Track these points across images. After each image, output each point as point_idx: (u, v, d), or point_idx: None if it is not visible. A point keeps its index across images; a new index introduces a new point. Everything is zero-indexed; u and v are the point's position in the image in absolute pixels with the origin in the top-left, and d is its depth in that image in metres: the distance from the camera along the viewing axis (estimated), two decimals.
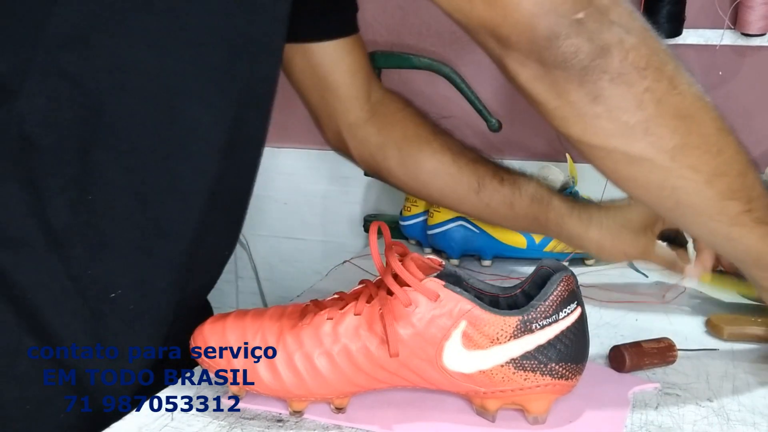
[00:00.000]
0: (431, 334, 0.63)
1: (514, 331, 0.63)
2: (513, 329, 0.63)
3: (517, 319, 0.63)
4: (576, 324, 0.65)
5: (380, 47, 1.40)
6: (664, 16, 1.20)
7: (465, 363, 0.64)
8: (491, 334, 0.63)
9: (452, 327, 0.63)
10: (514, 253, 1.13)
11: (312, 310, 0.69)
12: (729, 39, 1.22)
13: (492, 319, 0.63)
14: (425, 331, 0.63)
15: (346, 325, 0.66)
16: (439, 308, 0.63)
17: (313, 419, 0.67)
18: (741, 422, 0.69)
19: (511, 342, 0.63)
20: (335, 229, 1.53)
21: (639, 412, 0.70)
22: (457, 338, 0.63)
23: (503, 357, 0.64)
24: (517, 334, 0.63)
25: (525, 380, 0.64)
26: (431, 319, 0.63)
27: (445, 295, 0.63)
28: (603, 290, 1.02)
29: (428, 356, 0.64)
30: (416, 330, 0.64)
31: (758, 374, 0.79)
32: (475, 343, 0.63)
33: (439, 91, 1.38)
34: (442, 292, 0.64)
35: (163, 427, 0.67)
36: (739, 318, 0.89)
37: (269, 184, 1.54)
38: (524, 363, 0.64)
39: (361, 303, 0.67)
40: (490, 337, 0.63)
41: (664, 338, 0.80)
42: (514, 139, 1.37)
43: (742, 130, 1.27)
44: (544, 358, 0.64)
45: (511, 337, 0.63)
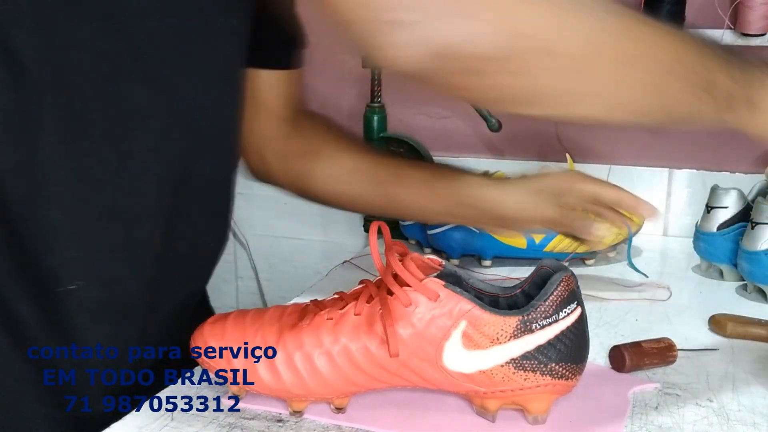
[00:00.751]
0: (431, 334, 0.63)
1: (514, 331, 0.63)
2: (513, 329, 0.63)
3: (517, 319, 0.63)
4: (576, 324, 0.65)
5: None
6: (664, 16, 1.20)
7: (465, 363, 0.64)
8: (491, 334, 0.63)
9: (452, 327, 0.63)
10: (514, 253, 1.13)
11: (312, 310, 0.69)
12: (729, 39, 1.21)
13: (492, 319, 0.63)
14: (425, 331, 0.63)
15: (346, 325, 0.66)
16: (439, 308, 0.63)
17: (313, 419, 0.67)
18: (741, 422, 0.69)
19: (511, 342, 0.63)
20: (335, 229, 1.53)
21: (639, 412, 0.70)
22: (457, 338, 0.63)
23: (503, 357, 0.64)
24: (517, 334, 0.63)
25: (525, 380, 0.64)
26: (431, 319, 0.63)
27: (445, 295, 0.63)
28: (603, 290, 1.02)
29: (428, 356, 0.64)
30: (416, 330, 0.64)
31: (758, 374, 0.79)
32: (475, 343, 0.63)
33: None
34: (442, 292, 0.64)
35: (163, 427, 0.67)
36: (743, 318, 0.89)
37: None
38: (524, 363, 0.64)
39: (361, 303, 0.67)
40: (490, 337, 0.63)
41: (664, 338, 0.80)
42: (514, 139, 1.37)
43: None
44: (544, 358, 0.64)
45: (511, 337, 0.63)
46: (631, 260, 1.13)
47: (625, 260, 1.14)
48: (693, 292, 1.03)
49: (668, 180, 1.31)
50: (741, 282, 1.06)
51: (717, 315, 0.90)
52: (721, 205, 1.07)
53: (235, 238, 1.59)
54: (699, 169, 1.29)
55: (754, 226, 1.00)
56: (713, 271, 1.11)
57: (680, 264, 1.16)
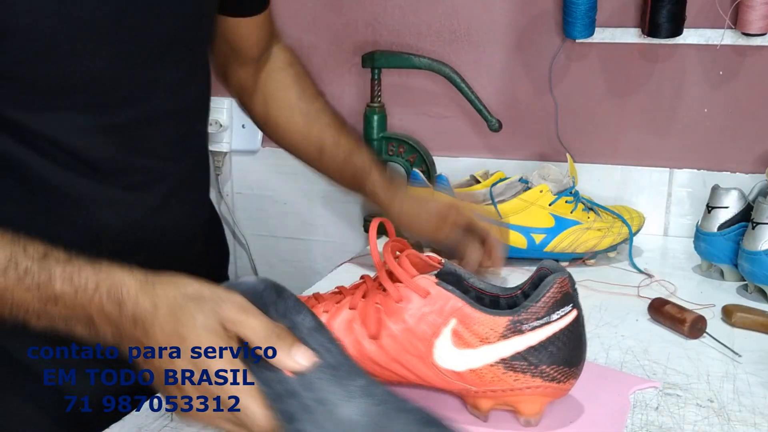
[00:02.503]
0: (422, 331, 0.63)
1: (504, 331, 0.62)
2: (503, 329, 0.62)
3: (507, 319, 0.63)
4: (570, 327, 0.64)
5: (380, 47, 1.40)
6: (665, 15, 1.20)
7: (455, 361, 0.63)
8: (481, 333, 0.63)
9: (442, 324, 0.63)
10: (514, 253, 1.13)
11: (311, 304, 0.69)
12: (729, 39, 1.21)
13: (482, 318, 0.63)
14: (416, 327, 0.63)
15: (340, 319, 0.66)
16: (430, 305, 0.63)
17: None
18: (741, 422, 0.69)
19: (501, 342, 0.63)
20: (335, 229, 1.53)
21: (639, 412, 0.70)
22: (447, 336, 0.63)
23: (493, 357, 0.63)
24: (507, 334, 0.63)
25: (515, 381, 0.63)
26: (422, 316, 0.63)
27: (436, 293, 0.63)
28: (604, 290, 1.02)
29: (419, 352, 0.64)
30: (407, 326, 0.63)
31: (759, 374, 0.78)
32: (465, 342, 0.63)
33: (439, 91, 1.38)
34: (433, 290, 0.63)
35: (163, 427, 0.67)
36: (751, 308, 0.92)
37: (269, 184, 1.54)
38: (514, 364, 0.63)
39: (357, 297, 0.67)
40: (479, 336, 0.63)
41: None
42: (514, 139, 1.37)
43: (742, 130, 1.28)
44: (535, 360, 0.63)
45: (501, 337, 0.63)
46: (632, 260, 1.13)
47: (626, 260, 1.14)
48: (694, 292, 1.03)
49: (668, 180, 1.31)
50: (742, 282, 1.06)
51: (728, 305, 0.93)
52: (721, 205, 1.07)
53: (234, 238, 1.59)
54: (699, 169, 1.29)
55: (755, 226, 1.00)
56: (714, 271, 1.11)
57: (681, 264, 1.16)
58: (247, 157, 1.54)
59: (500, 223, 1.05)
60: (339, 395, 0.55)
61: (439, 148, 1.39)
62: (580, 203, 1.15)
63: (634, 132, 1.32)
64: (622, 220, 1.15)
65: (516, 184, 1.17)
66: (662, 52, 1.27)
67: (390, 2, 1.39)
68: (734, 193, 1.07)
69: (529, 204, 1.13)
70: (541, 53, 1.33)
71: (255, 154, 1.54)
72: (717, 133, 1.28)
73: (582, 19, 1.23)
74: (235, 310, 0.58)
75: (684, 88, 1.28)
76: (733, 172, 1.28)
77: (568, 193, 1.14)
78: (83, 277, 0.59)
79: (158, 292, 0.58)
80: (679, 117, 1.29)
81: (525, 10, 1.32)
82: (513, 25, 1.33)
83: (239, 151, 1.54)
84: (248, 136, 1.52)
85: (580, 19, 1.23)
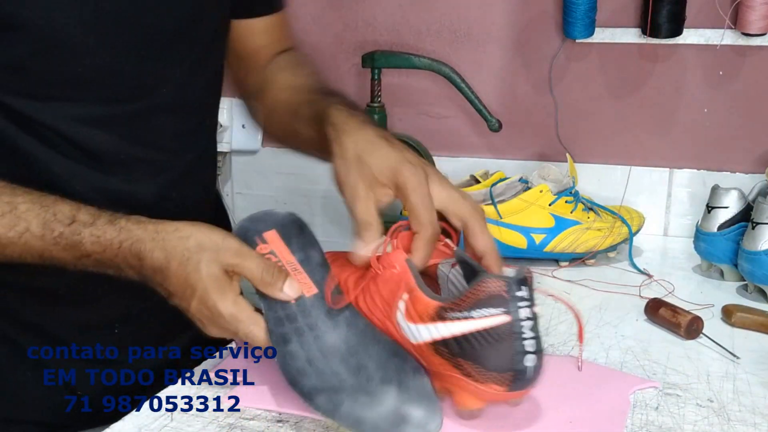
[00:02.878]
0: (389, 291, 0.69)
1: (432, 314, 0.65)
2: (433, 312, 0.65)
3: (437, 304, 0.65)
4: (495, 330, 0.63)
5: (380, 47, 1.40)
6: (665, 15, 1.20)
7: (408, 331, 0.67)
8: (420, 311, 0.66)
9: (399, 298, 0.68)
10: (514, 253, 1.13)
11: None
12: (729, 39, 1.21)
13: (421, 298, 0.66)
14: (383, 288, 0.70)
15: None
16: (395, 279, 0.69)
17: (313, 419, 0.67)
18: (741, 422, 0.69)
19: (430, 324, 0.65)
20: (335, 229, 1.53)
21: (639, 412, 0.70)
22: (402, 307, 0.68)
23: (426, 336, 0.66)
24: (435, 318, 0.65)
25: (441, 366, 0.66)
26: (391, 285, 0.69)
27: (401, 269, 0.69)
28: (604, 290, 1.02)
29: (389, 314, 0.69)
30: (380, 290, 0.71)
31: (758, 374, 0.78)
32: (410, 316, 0.67)
33: (439, 91, 1.38)
34: (399, 266, 0.69)
35: (163, 427, 0.67)
36: (751, 308, 0.92)
37: (269, 184, 1.53)
38: (441, 349, 0.65)
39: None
40: (419, 314, 0.66)
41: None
42: (514, 139, 1.37)
43: (742, 130, 1.28)
44: (456, 350, 0.64)
45: (431, 319, 0.65)
46: (632, 260, 1.13)
47: (626, 260, 1.14)
48: (694, 292, 1.03)
49: (668, 180, 1.31)
50: (741, 282, 1.06)
51: (729, 305, 0.93)
52: (721, 205, 1.07)
53: None
54: (699, 169, 1.29)
55: (755, 226, 1.00)
56: (714, 271, 1.11)
57: (681, 264, 1.16)
58: (247, 157, 1.54)
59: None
60: (327, 324, 0.68)
61: (439, 148, 1.39)
62: (580, 203, 1.15)
63: (634, 132, 1.32)
64: (622, 220, 1.15)
65: (516, 184, 1.17)
66: (662, 52, 1.27)
67: (390, 2, 1.39)
68: (734, 193, 1.07)
69: (529, 204, 1.13)
70: (541, 53, 1.33)
71: (255, 154, 1.54)
72: (717, 133, 1.28)
73: (582, 19, 1.23)
74: (232, 255, 0.68)
75: (684, 88, 1.28)
76: (733, 172, 1.28)
77: (568, 193, 1.14)
78: (108, 237, 0.70)
79: (167, 246, 0.69)
80: (679, 117, 1.30)
81: (525, 10, 1.32)
82: (513, 25, 1.34)
83: (239, 151, 1.54)
84: (248, 136, 1.52)
85: (580, 19, 1.23)
